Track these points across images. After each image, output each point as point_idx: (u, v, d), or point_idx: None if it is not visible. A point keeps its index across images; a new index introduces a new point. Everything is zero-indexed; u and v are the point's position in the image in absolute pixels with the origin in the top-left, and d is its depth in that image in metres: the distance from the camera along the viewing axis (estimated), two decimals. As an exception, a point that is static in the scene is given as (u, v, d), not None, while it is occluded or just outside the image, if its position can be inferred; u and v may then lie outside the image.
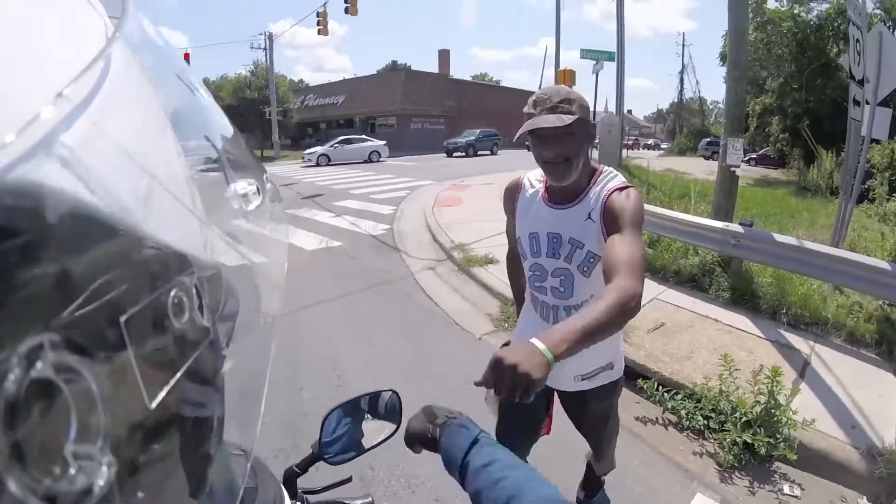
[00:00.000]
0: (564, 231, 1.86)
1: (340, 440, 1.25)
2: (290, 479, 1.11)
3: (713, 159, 31.19)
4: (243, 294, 0.60)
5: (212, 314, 0.48)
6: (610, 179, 1.85)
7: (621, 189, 1.79)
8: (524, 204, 2.01)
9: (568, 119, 1.65)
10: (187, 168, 0.50)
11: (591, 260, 1.83)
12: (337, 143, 30.54)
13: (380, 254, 8.33)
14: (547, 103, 1.69)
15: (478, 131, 36.21)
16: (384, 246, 8.83)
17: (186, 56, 39.02)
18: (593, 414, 2.25)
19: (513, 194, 2.07)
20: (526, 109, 1.74)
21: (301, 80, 78.50)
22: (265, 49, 37.69)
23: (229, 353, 0.53)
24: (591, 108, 19.56)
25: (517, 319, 2.40)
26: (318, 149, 30.05)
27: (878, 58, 6.26)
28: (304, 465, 1.16)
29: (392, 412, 1.33)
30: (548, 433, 2.56)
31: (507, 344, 2.44)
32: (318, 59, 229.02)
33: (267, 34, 36.46)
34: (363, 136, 33.10)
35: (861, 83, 6.60)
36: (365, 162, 29.07)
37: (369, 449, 1.26)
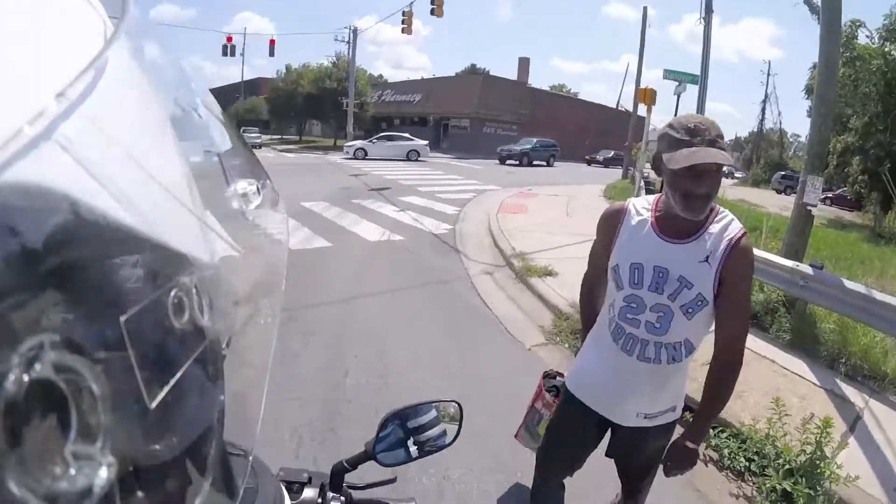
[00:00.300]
0: (674, 267, 1.79)
1: (394, 443, 1.25)
2: (338, 474, 1.12)
3: (786, 193, 30.12)
4: (244, 294, 0.61)
5: (212, 314, 0.48)
6: (728, 222, 1.81)
7: (741, 238, 1.78)
8: (628, 231, 1.91)
9: (732, 158, 1.63)
10: (187, 168, 0.50)
11: (699, 304, 1.77)
12: (376, 138, 30.91)
13: (439, 252, 8.41)
14: (706, 135, 1.64)
15: (535, 140, 35.67)
16: (444, 245, 8.91)
17: (272, 42, 40.24)
18: (644, 453, 2.17)
19: (615, 219, 1.97)
20: (677, 135, 1.68)
21: (380, 76, 79.99)
22: (348, 42, 38.52)
23: (229, 353, 0.53)
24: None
25: (580, 344, 2.35)
26: (357, 143, 30.55)
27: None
28: (355, 463, 1.17)
29: (452, 422, 1.33)
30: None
31: (552, 376, 2.56)
32: (399, 57, 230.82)
33: (352, 28, 37.36)
34: (405, 135, 33.13)
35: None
36: (404, 160, 29.06)
37: (421, 456, 1.26)
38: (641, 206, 1.92)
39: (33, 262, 0.30)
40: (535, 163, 33.92)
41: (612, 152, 41.67)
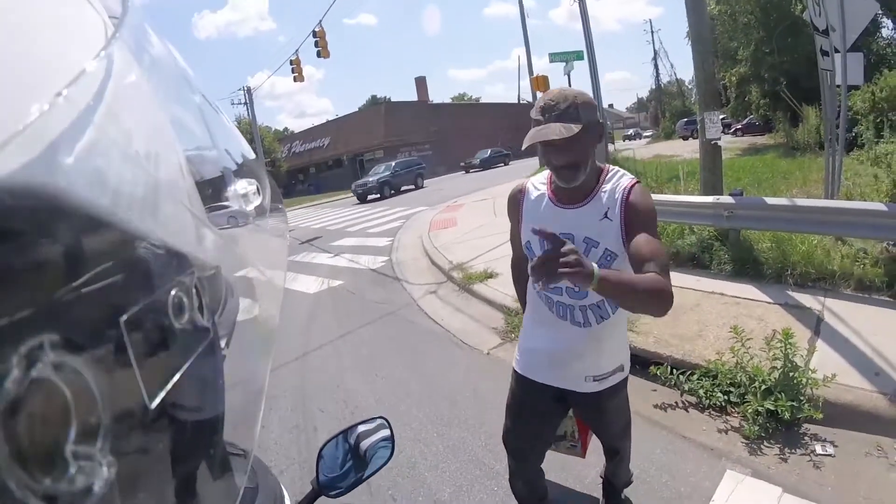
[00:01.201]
0: (578, 231, 1.83)
1: (338, 472, 1.24)
2: None
3: (693, 137, 31.30)
4: (243, 294, 0.61)
5: (212, 314, 0.49)
6: (620, 177, 1.86)
7: (634, 185, 1.81)
8: (530, 207, 1.99)
9: (575, 128, 1.65)
10: (187, 168, 0.51)
11: (608, 258, 1.81)
12: None
13: (381, 286, 8.30)
14: (555, 110, 1.68)
15: (393, 164, 30.47)
16: (384, 277, 8.80)
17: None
18: (607, 415, 2.25)
19: (517, 199, 2.06)
20: (534, 115, 1.73)
21: (286, 129, 79.93)
22: (246, 103, 38.06)
23: (229, 353, 0.54)
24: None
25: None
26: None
27: (840, 4, 6.26)
28: (307, 503, 1.16)
29: (385, 438, 1.34)
30: (583, 457, 2.56)
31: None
32: (300, 105, 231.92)
33: (245, 88, 36.86)
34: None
35: (826, 33, 6.61)
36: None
37: (367, 477, 1.26)
38: (539, 182, 2.01)
39: (33, 263, 0.30)
40: (403, 188, 29.32)
41: (490, 150, 39.47)
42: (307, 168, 53.55)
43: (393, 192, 28.01)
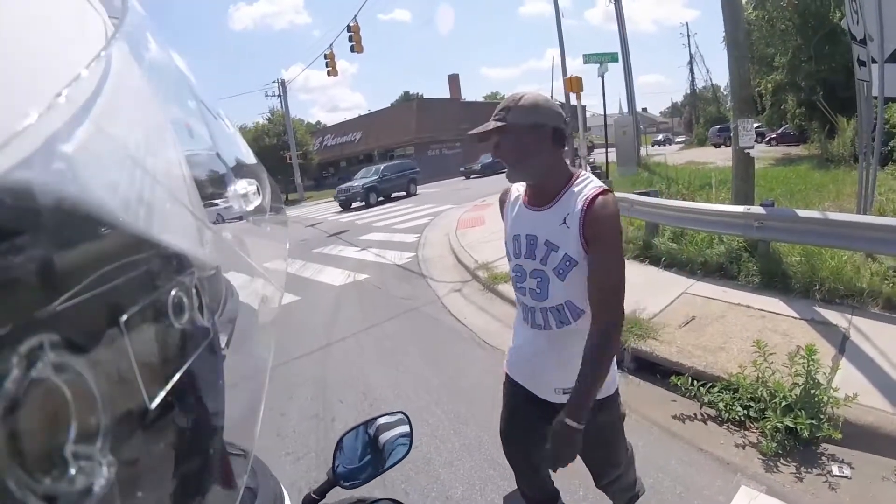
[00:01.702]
0: (540, 233, 1.86)
1: (355, 464, 1.25)
2: None
3: (725, 145, 30.72)
4: (243, 294, 0.61)
5: (212, 314, 0.49)
6: (587, 184, 1.82)
7: (598, 196, 1.75)
8: (509, 208, 2.04)
9: (492, 125, 1.75)
10: (187, 168, 0.51)
11: (567, 264, 1.80)
12: None
13: (406, 281, 8.36)
14: (497, 108, 1.79)
15: (382, 167, 26.70)
16: (410, 273, 8.87)
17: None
18: (587, 434, 1.77)
19: (503, 200, 2.12)
20: None
21: (318, 122, 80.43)
22: (279, 95, 38.43)
23: (229, 353, 0.54)
24: (602, 111, 19.44)
25: None
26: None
27: (879, 13, 6.10)
28: (322, 492, 1.17)
29: (404, 434, 1.35)
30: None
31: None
32: (333, 99, 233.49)
33: (279, 81, 37.15)
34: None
35: (863, 42, 6.46)
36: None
37: (384, 470, 1.26)
38: (521, 185, 2.02)
39: (33, 263, 0.29)
40: (393, 195, 26.28)
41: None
42: (338, 162, 53.80)
43: (381, 199, 24.73)
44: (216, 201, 0.62)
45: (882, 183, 8.41)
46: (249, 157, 0.66)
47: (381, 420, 1.33)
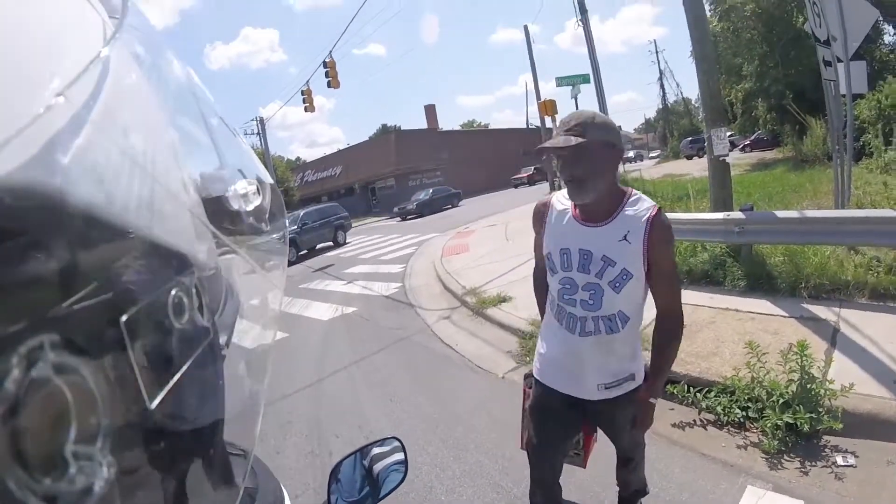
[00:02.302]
0: (596, 248, 1.93)
1: (350, 494, 1.22)
2: None
3: (699, 156, 31.12)
4: (243, 294, 0.62)
5: (212, 314, 0.49)
6: (642, 202, 1.95)
7: (658, 213, 1.91)
8: (554, 221, 2.08)
9: (574, 141, 1.76)
10: (187, 168, 0.51)
11: (624, 277, 1.91)
12: None
13: (394, 312, 8.31)
14: (566, 126, 1.81)
15: (302, 213, 20.48)
16: (398, 303, 8.82)
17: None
18: (618, 423, 2.28)
19: (542, 212, 2.15)
20: (553, 131, 1.90)
21: (298, 158, 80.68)
22: (258, 133, 38.41)
23: (229, 353, 0.54)
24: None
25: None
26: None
27: (840, 13, 6.28)
28: None
29: (398, 461, 1.32)
30: (584, 466, 2.57)
31: (529, 375, 2.49)
32: (311, 135, 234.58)
33: (258, 119, 37.17)
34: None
35: (827, 43, 6.64)
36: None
37: (380, 499, 1.23)
38: (564, 198, 2.07)
39: (33, 263, 0.29)
40: (318, 246, 21.02)
41: (431, 191, 34.91)
42: (320, 196, 53.79)
43: (304, 252, 19.79)
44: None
45: (858, 177, 8.56)
46: (251, 158, 0.67)
47: (375, 450, 1.31)
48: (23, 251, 0.29)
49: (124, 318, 0.35)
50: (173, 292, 0.41)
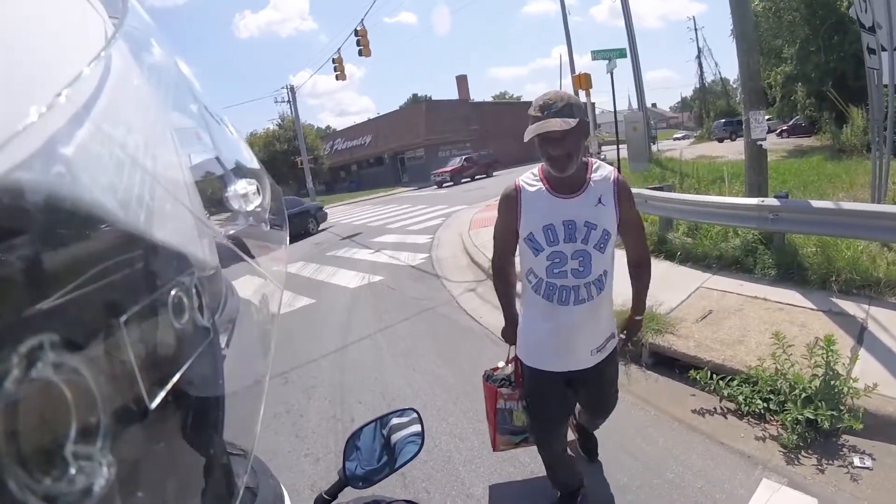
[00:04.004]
0: (578, 217, 2.11)
1: (369, 465, 1.25)
2: None
3: (731, 139, 30.38)
4: (244, 294, 0.62)
5: (212, 314, 0.49)
6: (602, 167, 2.22)
7: (618, 175, 2.21)
8: (529, 202, 2.20)
9: (572, 122, 1.92)
10: (187, 168, 0.51)
11: (606, 237, 2.13)
12: None
13: (420, 282, 8.37)
14: (553, 108, 1.94)
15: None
16: (424, 274, 8.87)
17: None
18: (605, 379, 2.53)
19: (514, 197, 2.24)
20: (532, 112, 2.00)
21: (328, 126, 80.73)
22: (289, 101, 38.49)
23: (229, 353, 0.54)
24: (612, 107, 19.38)
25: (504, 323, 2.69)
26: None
27: (887, 0, 6.04)
28: (333, 492, 1.16)
29: (415, 433, 1.35)
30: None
31: (489, 375, 2.98)
32: (341, 104, 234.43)
33: (289, 87, 37.21)
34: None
35: (872, 30, 6.40)
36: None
37: (396, 469, 1.26)
38: (531, 179, 2.24)
39: (33, 263, 0.29)
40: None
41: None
42: (349, 165, 53.97)
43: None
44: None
45: (896, 171, 8.31)
46: (252, 162, 0.67)
47: (394, 420, 1.33)
48: (23, 251, 0.29)
49: (124, 317, 0.35)
50: (173, 292, 0.42)
